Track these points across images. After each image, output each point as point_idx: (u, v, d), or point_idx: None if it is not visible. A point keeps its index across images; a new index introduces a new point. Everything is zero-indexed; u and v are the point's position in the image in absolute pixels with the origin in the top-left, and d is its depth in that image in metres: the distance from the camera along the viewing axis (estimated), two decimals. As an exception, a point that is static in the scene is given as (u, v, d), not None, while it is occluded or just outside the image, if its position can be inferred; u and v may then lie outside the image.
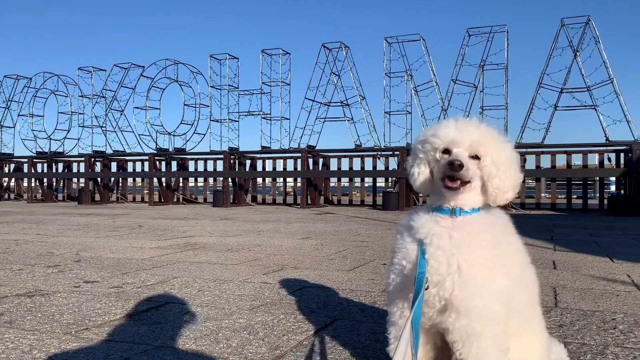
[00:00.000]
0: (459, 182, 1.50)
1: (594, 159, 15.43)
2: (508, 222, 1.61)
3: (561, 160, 15.10)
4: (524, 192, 15.55)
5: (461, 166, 1.47)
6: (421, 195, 11.99)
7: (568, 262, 4.69)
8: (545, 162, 14.87)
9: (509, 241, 1.58)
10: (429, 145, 1.57)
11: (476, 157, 1.52)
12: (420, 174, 1.60)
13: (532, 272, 1.65)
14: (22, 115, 21.50)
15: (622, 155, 14.11)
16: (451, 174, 1.48)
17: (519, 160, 1.59)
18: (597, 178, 16.17)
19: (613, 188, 17.99)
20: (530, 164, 14.95)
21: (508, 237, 1.59)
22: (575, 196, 15.71)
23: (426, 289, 1.48)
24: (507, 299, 1.49)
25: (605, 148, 14.24)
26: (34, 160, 20.87)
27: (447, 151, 1.54)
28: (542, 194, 17.46)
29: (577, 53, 13.64)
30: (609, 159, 14.52)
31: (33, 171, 20.77)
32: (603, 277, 3.94)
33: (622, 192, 13.70)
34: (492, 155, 1.52)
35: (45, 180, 20.93)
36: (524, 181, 14.75)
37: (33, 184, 21.11)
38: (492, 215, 1.59)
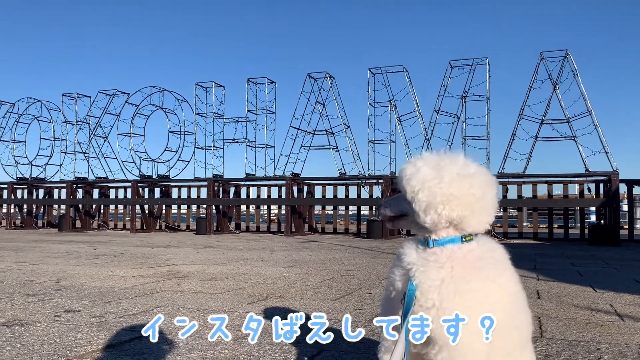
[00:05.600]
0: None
1: (574, 189, 15.66)
2: (504, 253, 1.58)
3: (542, 190, 15.30)
4: (507, 221, 15.68)
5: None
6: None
7: (552, 292, 4.73)
8: (527, 191, 15.05)
9: (501, 274, 1.54)
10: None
11: None
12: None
13: (527, 314, 1.61)
14: (3, 140, 21.25)
15: (601, 185, 14.36)
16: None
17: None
18: (578, 208, 16.40)
19: (593, 218, 18.24)
20: (512, 193, 15.13)
21: (502, 271, 1.55)
22: (556, 225, 15.87)
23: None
24: (491, 338, 1.49)
25: (585, 178, 14.48)
26: (14, 186, 20.57)
27: None
28: (524, 223, 17.60)
29: (557, 85, 13.96)
30: (589, 189, 14.75)
31: (13, 197, 20.44)
32: (587, 307, 3.97)
33: (602, 221, 13.89)
34: None
35: (25, 206, 20.60)
36: (505, 210, 14.72)
37: (13, 210, 20.76)
38: (486, 245, 1.57)
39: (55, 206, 21.40)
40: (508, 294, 1.53)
